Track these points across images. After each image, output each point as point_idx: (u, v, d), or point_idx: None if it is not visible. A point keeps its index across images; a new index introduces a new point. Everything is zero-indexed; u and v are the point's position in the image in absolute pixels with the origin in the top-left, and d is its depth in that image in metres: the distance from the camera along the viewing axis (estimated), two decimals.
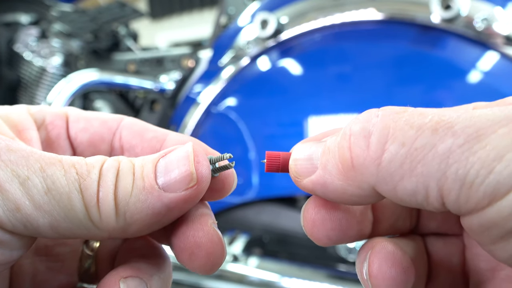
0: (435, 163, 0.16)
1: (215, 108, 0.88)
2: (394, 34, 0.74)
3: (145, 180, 0.21)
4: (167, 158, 0.21)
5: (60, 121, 0.28)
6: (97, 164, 0.21)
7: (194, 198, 0.21)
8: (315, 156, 0.21)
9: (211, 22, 1.11)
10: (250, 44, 0.86)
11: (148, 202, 0.20)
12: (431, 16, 0.69)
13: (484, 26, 0.65)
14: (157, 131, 0.27)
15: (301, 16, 0.81)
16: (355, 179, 0.19)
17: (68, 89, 0.88)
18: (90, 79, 0.92)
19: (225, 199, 0.78)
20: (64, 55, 1.19)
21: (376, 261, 0.22)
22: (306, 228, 0.23)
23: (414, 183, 0.17)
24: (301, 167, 0.22)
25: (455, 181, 0.16)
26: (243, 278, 0.68)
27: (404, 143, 0.17)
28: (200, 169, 0.21)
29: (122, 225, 0.21)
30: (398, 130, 0.17)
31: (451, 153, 0.16)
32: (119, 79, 0.97)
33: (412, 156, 0.17)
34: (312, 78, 0.80)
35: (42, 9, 1.37)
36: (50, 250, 0.28)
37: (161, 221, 0.21)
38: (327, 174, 0.20)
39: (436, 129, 0.17)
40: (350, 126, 0.19)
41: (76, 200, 0.20)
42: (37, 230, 0.20)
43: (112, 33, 1.24)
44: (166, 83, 1.00)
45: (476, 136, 0.16)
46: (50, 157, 0.20)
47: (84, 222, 0.20)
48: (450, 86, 0.68)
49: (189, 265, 0.23)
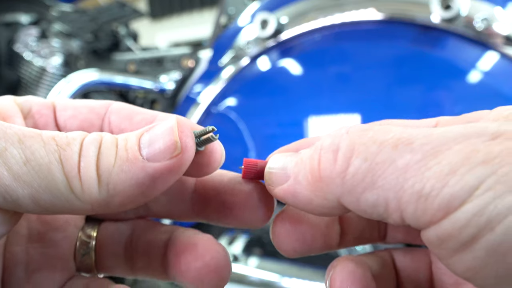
0: (394, 177, 0.17)
1: (215, 108, 0.88)
2: (394, 34, 0.74)
3: (128, 151, 0.21)
4: (151, 132, 0.21)
5: (47, 110, 0.28)
6: (78, 137, 0.21)
7: (179, 168, 0.21)
8: (289, 166, 0.22)
9: (211, 22, 1.11)
10: (250, 44, 0.86)
11: (132, 172, 0.20)
12: (431, 16, 0.69)
13: (484, 26, 0.65)
14: (145, 113, 0.27)
15: (301, 16, 0.81)
16: (322, 190, 0.20)
17: (68, 89, 0.88)
18: (90, 79, 0.92)
19: None
20: (64, 55, 1.19)
21: (337, 280, 0.23)
22: (273, 240, 0.25)
23: (375, 195, 0.18)
24: (275, 176, 0.23)
25: (412, 194, 0.17)
26: (243, 278, 0.68)
27: (366, 158, 0.18)
28: (184, 139, 0.21)
29: (104, 196, 0.20)
30: (362, 145, 0.18)
31: (408, 168, 0.17)
32: (119, 79, 0.97)
33: (373, 170, 0.18)
34: (312, 78, 0.79)
35: (42, 9, 1.38)
36: (43, 237, 0.27)
37: (145, 192, 0.21)
38: (298, 184, 0.21)
39: (396, 145, 0.18)
40: (322, 140, 0.21)
41: (56, 170, 0.19)
42: (17, 202, 0.19)
43: (112, 33, 1.24)
44: (166, 83, 1.00)
45: (433, 152, 0.17)
46: (29, 131, 0.20)
47: (65, 194, 0.20)
48: (450, 86, 0.68)
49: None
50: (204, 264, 0.24)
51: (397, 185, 0.17)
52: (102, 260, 0.28)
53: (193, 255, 0.25)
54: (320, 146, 0.20)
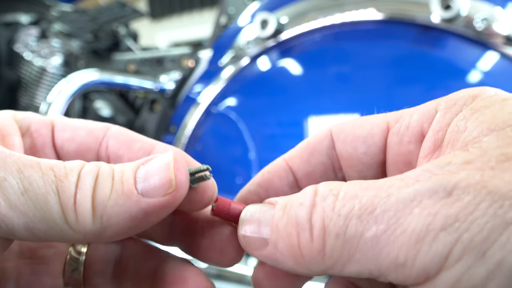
0: (367, 249, 0.18)
1: (215, 108, 0.88)
2: (394, 34, 0.74)
3: (124, 184, 0.21)
4: (148, 166, 0.22)
5: (45, 130, 0.28)
6: (76, 168, 0.21)
7: (172, 205, 0.22)
8: (264, 229, 0.21)
9: (211, 22, 1.11)
10: (250, 44, 0.86)
11: (126, 206, 0.21)
12: (431, 16, 0.69)
13: (484, 26, 0.65)
14: (144, 142, 0.27)
15: (301, 16, 0.81)
16: (305, 266, 0.20)
17: (68, 89, 0.88)
18: (90, 79, 0.92)
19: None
20: (64, 55, 1.19)
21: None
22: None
23: (356, 267, 0.18)
24: (251, 240, 0.22)
25: (389, 264, 0.17)
26: (243, 278, 0.68)
27: (338, 234, 0.18)
28: (179, 176, 0.22)
29: (98, 228, 0.21)
30: (332, 221, 0.18)
31: (378, 239, 0.17)
32: (119, 79, 0.97)
33: (347, 246, 0.18)
34: (312, 78, 0.79)
35: (42, 9, 1.37)
36: (34, 253, 0.27)
37: (137, 225, 0.21)
38: (278, 253, 0.20)
39: (360, 216, 0.18)
40: (294, 209, 0.20)
41: (52, 201, 0.20)
42: (12, 231, 0.20)
43: (112, 33, 1.24)
44: (166, 83, 1.00)
45: (396, 220, 0.17)
46: (28, 159, 0.20)
47: (60, 224, 0.20)
48: (450, 86, 0.68)
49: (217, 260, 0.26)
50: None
51: (373, 257, 0.17)
52: (90, 276, 0.28)
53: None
54: (294, 219, 0.20)
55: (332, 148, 0.25)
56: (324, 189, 0.20)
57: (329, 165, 0.25)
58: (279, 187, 0.25)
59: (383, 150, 0.24)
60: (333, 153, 0.25)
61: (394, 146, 0.24)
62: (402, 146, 0.23)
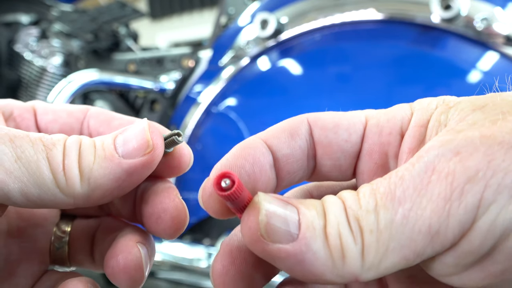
0: (400, 234, 0.18)
1: (215, 108, 0.88)
2: (394, 34, 0.74)
3: (106, 150, 0.23)
4: (125, 133, 0.24)
5: (28, 114, 0.30)
6: (61, 139, 0.23)
7: (151, 164, 0.24)
8: (292, 223, 0.19)
9: (211, 22, 1.11)
10: (250, 44, 0.86)
11: (110, 168, 0.23)
12: (431, 16, 0.69)
13: (484, 26, 0.65)
14: (122, 119, 0.30)
15: (301, 16, 0.81)
16: (342, 270, 0.19)
17: (68, 89, 0.88)
18: (90, 79, 0.92)
19: None
20: (64, 55, 1.19)
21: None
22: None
23: (390, 261, 0.18)
24: (275, 229, 0.19)
25: (423, 239, 0.18)
26: None
27: (371, 231, 0.18)
28: (155, 137, 0.24)
29: (86, 190, 0.23)
30: (363, 219, 0.19)
31: (407, 219, 0.18)
32: (119, 79, 0.97)
33: (382, 238, 0.18)
34: (312, 78, 0.80)
35: (42, 9, 1.38)
36: (23, 232, 0.29)
37: (121, 186, 0.23)
38: (310, 253, 0.18)
39: (385, 205, 0.18)
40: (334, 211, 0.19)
41: (44, 167, 0.22)
42: (8, 195, 0.21)
43: (112, 33, 1.24)
44: (166, 83, 1.00)
45: (418, 194, 0.18)
46: (17, 131, 0.22)
47: (52, 188, 0.22)
48: (450, 86, 0.68)
49: (155, 228, 0.26)
50: (116, 263, 0.25)
51: (406, 240, 0.18)
52: (74, 254, 0.30)
53: (110, 254, 0.26)
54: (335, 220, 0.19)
55: (309, 135, 0.25)
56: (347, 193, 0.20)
57: (305, 151, 0.25)
58: (263, 164, 0.24)
59: (361, 140, 0.25)
60: (310, 139, 0.25)
61: (373, 136, 0.24)
62: (382, 136, 0.24)
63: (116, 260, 0.25)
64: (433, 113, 0.22)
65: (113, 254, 0.26)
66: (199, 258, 0.78)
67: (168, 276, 0.81)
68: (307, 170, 0.25)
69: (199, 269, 0.77)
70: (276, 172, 0.24)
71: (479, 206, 0.17)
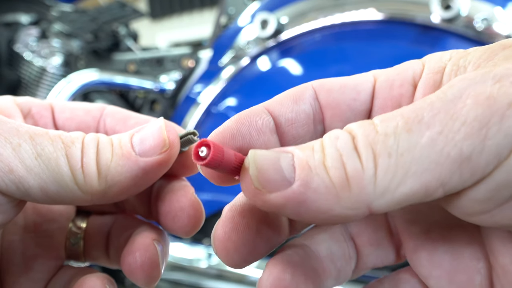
0: (424, 157, 0.16)
1: (215, 108, 0.88)
2: (394, 34, 0.74)
3: (123, 148, 0.24)
4: (142, 132, 0.24)
5: (46, 112, 0.30)
6: (79, 136, 0.24)
7: (167, 162, 0.24)
8: (286, 168, 0.18)
9: (211, 22, 1.11)
10: (250, 44, 0.86)
11: (127, 166, 0.23)
12: (431, 16, 0.69)
13: (484, 26, 0.65)
14: (138, 118, 0.30)
15: (301, 16, 0.81)
16: (349, 200, 0.17)
17: (68, 89, 0.88)
18: (90, 79, 0.92)
19: (226, 199, 0.78)
20: (64, 55, 1.19)
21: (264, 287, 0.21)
22: (219, 256, 0.22)
23: (410, 185, 0.17)
24: (268, 179, 0.18)
25: (452, 163, 0.16)
26: (243, 278, 0.68)
27: (390, 154, 0.17)
28: (171, 136, 0.24)
29: (103, 187, 0.23)
30: (380, 143, 0.17)
31: (435, 142, 0.16)
32: (119, 79, 0.97)
33: (402, 161, 0.17)
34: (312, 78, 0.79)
35: (42, 9, 1.37)
36: (39, 227, 0.29)
37: (138, 183, 0.24)
38: (311, 192, 0.18)
39: (410, 128, 0.17)
40: (335, 144, 0.18)
41: (63, 164, 0.22)
42: (28, 191, 0.21)
43: (112, 33, 1.24)
44: (166, 83, 1.00)
45: (450, 117, 0.16)
46: (37, 129, 0.23)
47: (70, 185, 0.22)
48: None
49: (172, 226, 0.26)
50: (133, 260, 0.26)
51: (431, 164, 0.16)
52: (89, 249, 0.30)
53: (127, 251, 0.27)
54: (336, 151, 0.18)
55: (314, 99, 0.24)
56: (356, 124, 0.18)
57: (311, 115, 0.24)
58: (260, 127, 0.23)
59: (371, 98, 0.23)
60: (316, 103, 0.24)
61: (384, 91, 0.23)
62: (393, 90, 0.23)
63: (133, 257, 0.26)
64: (449, 61, 0.20)
65: (130, 251, 0.26)
66: (199, 258, 0.78)
67: (168, 276, 0.81)
68: (315, 135, 0.24)
69: (199, 269, 0.77)
70: (280, 137, 0.23)
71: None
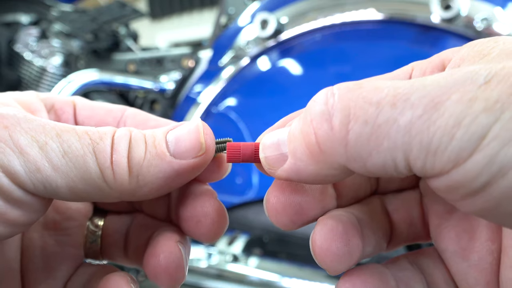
0: (399, 136, 0.17)
1: (215, 108, 0.88)
2: (394, 34, 0.74)
3: (157, 147, 0.23)
4: (177, 131, 0.24)
5: (68, 108, 0.30)
6: (109, 132, 0.23)
7: (201, 166, 0.24)
8: (283, 144, 0.21)
9: (211, 22, 1.11)
10: (250, 44, 0.86)
11: (160, 166, 0.22)
12: (431, 16, 0.69)
13: (484, 26, 0.65)
14: (159, 120, 0.30)
15: (301, 16, 0.81)
16: (326, 162, 0.19)
17: (68, 89, 0.88)
18: (90, 79, 0.92)
19: (225, 199, 0.78)
20: (64, 55, 1.19)
21: (317, 239, 0.23)
22: (270, 216, 0.24)
23: (382, 158, 0.18)
24: (272, 159, 0.22)
25: (420, 151, 0.17)
26: (243, 278, 0.68)
27: (366, 121, 0.17)
28: (208, 140, 0.24)
29: (134, 186, 0.22)
30: (359, 108, 0.18)
31: (412, 125, 0.17)
32: (119, 79, 0.97)
33: (377, 133, 0.17)
34: (312, 78, 0.80)
35: (42, 9, 1.37)
36: (58, 225, 0.29)
37: (169, 185, 0.23)
38: (298, 161, 0.20)
39: (394, 103, 0.17)
40: (309, 110, 0.20)
41: (90, 162, 0.21)
42: (56, 190, 0.21)
43: (112, 33, 1.24)
44: (166, 83, 1.00)
45: (433, 105, 0.17)
46: (64, 126, 0.22)
47: (98, 183, 0.22)
48: None
49: (195, 231, 0.26)
50: (158, 263, 0.25)
51: (404, 144, 0.17)
52: (106, 248, 0.30)
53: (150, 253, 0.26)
54: (309, 117, 0.19)
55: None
56: (345, 84, 0.19)
57: None
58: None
59: None
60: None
61: (418, 77, 0.24)
62: (425, 76, 0.23)
63: (157, 260, 0.25)
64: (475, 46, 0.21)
65: (153, 253, 0.25)
66: (199, 258, 0.78)
67: None
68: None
69: (199, 269, 0.77)
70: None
71: (483, 139, 0.16)
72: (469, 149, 0.16)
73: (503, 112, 0.15)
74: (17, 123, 0.21)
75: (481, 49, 0.20)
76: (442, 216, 0.25)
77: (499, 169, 0.16)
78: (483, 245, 0.23)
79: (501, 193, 0.16)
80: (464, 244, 0.23)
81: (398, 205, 0.27)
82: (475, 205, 0.17)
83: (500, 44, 0.19)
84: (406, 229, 0.27)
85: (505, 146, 0.15)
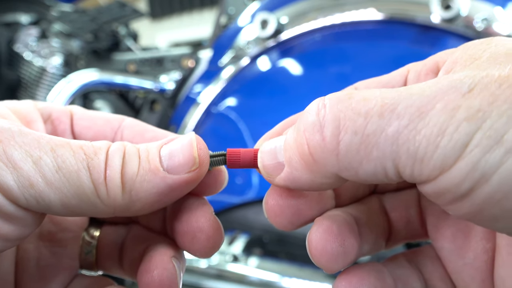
0: (387, 145, 0.18)
1: (215, 108, 0.88)
2: (394, 34, 0.74)
3: (150, 162, 0.23)
4: (171, 145, 0.23)
5: (65, 118, 0.30)
6: (104, 147, 0.23)
7: (195, 181, 0.24)
8: (279, 153, 0.22)
9: (211, 22, 1.11)
10: (250, 44, 0.86)
11: (153, 182, 0.22)
12: (431, 16, 0.69)
13: (484, 26, 0.65)
14: (156, 131, 0.29)
15: (301, 16, 0.81)
16: (320, 171, 0.20)
17: (68, 89, 0.88)
18: (90, 79, 0.92)
19: (225, 199, 0.78)
20: (64, 55, 1.19)
21: (313, 239, 0.23)
22: (269, 218, 0.25)
23: (372, 166, 0.18)
24: (270, 167, 0.23)
25: (407, 159, 0.18)
26: (243, 278, 0.68)
27: (356, 132, 0.18)
28: (202, 155, 0.23)
29: (127, 202, 0.22)
30: (348, 119, 0.19)
31: (399, 135, 0.18)
32: (119, 79, 0.97)
33: (366, 143, 0.18)
34: (312, 78, 0.79)
35: (42, 9, 1.37)
36: (54, 236, 0.29)
37: (162, 200, 0.23)
38: (294, 170, 0.21)
39: (382, 113, 0.18)
40: (302, 120, 0.21)
41: (84, 177, 0.21)
42: (49, 205, 0.21)
43: (112, 33, 1.23)
44: (166, 83, 1.00)
45: (418, 114, 0.17)
46: (59, 140, 0.22)
47: (92, 199, 0.22)
48: None
49: (190, 247, 0.26)
50: (151, 279, 0.25)
51: (392, 153, 0.18)
52: (101, 259, 0.30)
53: (144, 268, 0.25)
54: (302, 128, 0.20)
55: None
56: (335, 95, 0.20)
57: None
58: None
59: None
60: None
61: (413, 80, 0.25)
62: (420, 79, 0.25)
63: (151, 276, 0.25)
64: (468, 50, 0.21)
65: (147, 269, 0.25)
66: (198, 258, 0.78)
67: None
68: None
69: (199, 269, 0.77)
70: None
71: (466, 147, 0.16)
72: (453, 157, 0.17)
73: (485, 120, 0.16)
74: (12, 137, 0.21)
75: (473, 53, 0.20)
76: (438, 215, 0.25)
77: (482, 175, 0.16)
78: (478, 244, 0.23)
79: (484, 198, 0.17)
80: (460, 242, 0.24)
81: (396, 204, 0.28)
82: (462, 209, 0.18)
83: (492, 47, 0.20)
84: (404, 228, 0.27)
85: (487, 154, 0.16)
